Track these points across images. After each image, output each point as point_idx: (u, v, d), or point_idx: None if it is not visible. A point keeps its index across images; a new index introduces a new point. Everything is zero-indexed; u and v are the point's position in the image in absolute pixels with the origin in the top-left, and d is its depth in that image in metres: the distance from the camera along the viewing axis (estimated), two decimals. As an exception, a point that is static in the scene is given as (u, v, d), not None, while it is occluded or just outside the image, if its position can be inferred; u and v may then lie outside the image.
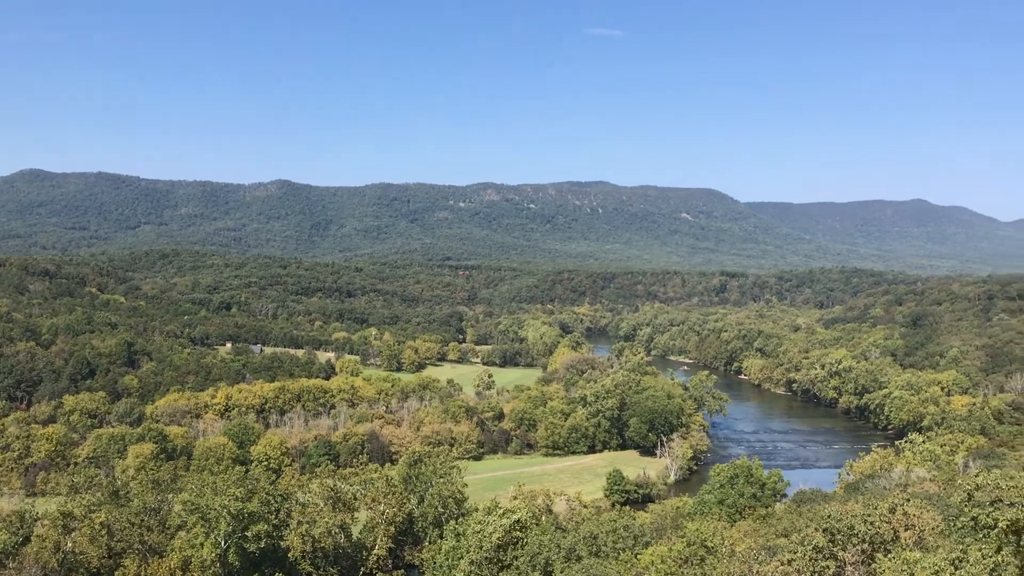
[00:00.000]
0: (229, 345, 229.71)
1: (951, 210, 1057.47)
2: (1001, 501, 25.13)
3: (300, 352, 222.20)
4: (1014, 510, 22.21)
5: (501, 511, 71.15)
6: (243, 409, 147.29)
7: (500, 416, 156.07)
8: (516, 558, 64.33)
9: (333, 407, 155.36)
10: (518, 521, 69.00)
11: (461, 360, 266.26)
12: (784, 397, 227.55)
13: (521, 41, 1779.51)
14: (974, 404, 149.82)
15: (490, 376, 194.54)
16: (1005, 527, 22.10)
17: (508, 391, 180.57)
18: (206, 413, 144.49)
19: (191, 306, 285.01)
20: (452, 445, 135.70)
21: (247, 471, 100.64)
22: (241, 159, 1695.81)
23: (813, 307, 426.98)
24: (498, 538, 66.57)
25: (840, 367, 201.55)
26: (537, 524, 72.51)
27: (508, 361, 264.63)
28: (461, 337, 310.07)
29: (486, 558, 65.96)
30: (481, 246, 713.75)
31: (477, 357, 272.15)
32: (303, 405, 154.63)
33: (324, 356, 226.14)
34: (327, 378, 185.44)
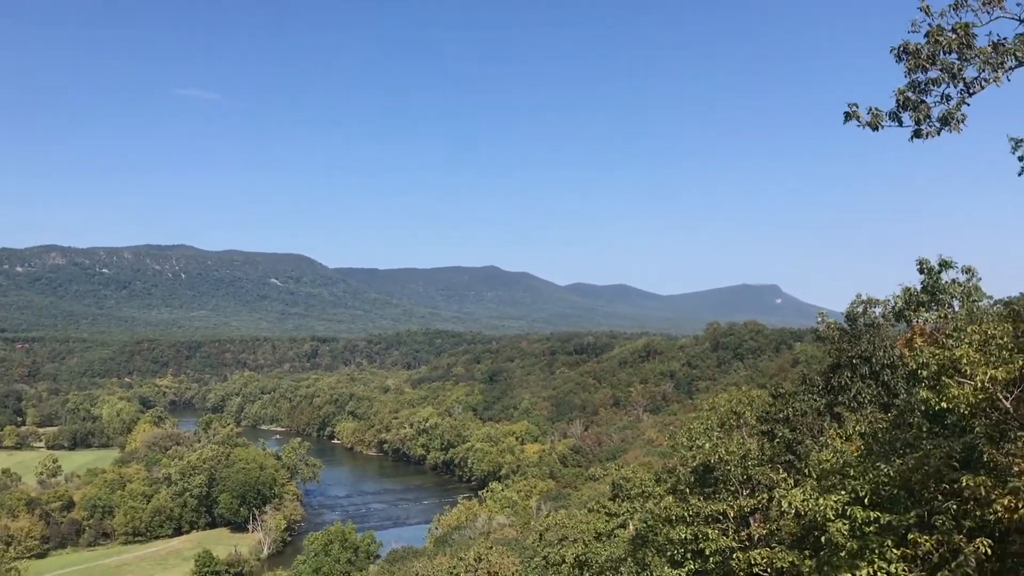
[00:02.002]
0: None
1: (519, 275, 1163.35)
2: (567, 538, 27.55)
3: None
4: (577, 545, 24.38)
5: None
6: None
7: (70, 505, 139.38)
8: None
9: None
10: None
11: (20, 446, 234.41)
12: (376, 458, 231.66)
13: (106, 93, 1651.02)
14: (543, 450, 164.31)
15: (55, 461, 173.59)
16: (571, 561, 24.04)
17: (80, 476, 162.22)
18: None
19: None
20: (9, 544, 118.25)
21: None
22: None
23: (402, 368, 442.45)
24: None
25: (427, 425, 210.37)
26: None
27: (80, 443, 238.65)
28: (20, 419, 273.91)
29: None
30: (44, 315, 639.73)
31: (40, 441, 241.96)
32: None
33: None
34: None
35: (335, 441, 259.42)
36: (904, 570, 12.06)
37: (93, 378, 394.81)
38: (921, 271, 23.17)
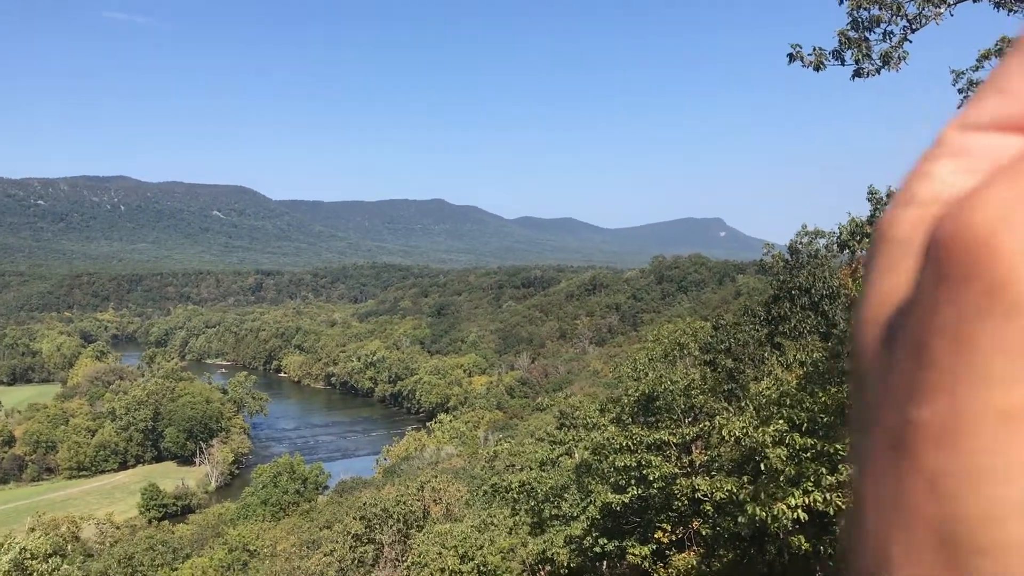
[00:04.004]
0: None
1: (466, 209, 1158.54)
2: (513, 466, 28.09)
3: None
4: (523, 473, 24.86)
5: (4, 546, 62.66)
6: None
7: (11, 441, 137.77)
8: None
9: None
10: (26, 550, 61.25)
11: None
12: (324, 391, 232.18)
13: (32, 14, 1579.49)
14: (491, 382, 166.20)
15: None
16: (517, 488, 24.54)
17: (20, 412, 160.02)
18: None
19: None
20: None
21: None
22: None
23: (348, 302, 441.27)
24: (6, 577, 58.56)
25: (375, 358, 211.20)
26: (63, 556, 65.19)
27: (19, 378, 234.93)
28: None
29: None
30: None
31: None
32: None
33: None
34: None
35: (282, 375, 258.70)
36: (838, 496, 12.42)
37: (31, 312, 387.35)
38: (870, 201, 23.49)
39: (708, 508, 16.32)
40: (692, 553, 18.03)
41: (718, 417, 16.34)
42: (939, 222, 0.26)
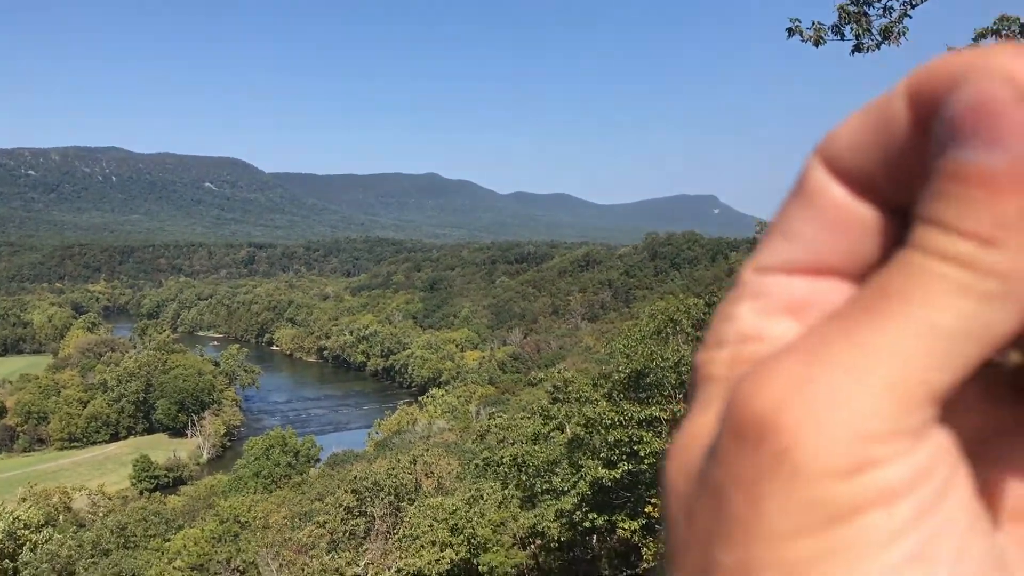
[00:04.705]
0: None
1: (460, 183, 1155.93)
2: (505, 440, 28.19)
3: None
4: (514, 447, 24.94)
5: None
6: None
7: (2, 412, 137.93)
8: (27, 564, 57.50)
9: None
10: (19, 520, 61.46)
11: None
12: (316, 365, 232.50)
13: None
14: (483, 357, 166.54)
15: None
16: (509, 462, 24.59)
17: (11, 382, 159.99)
18: None
19: None
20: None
21: None
22: None
23: (341, 276, 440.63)
24: (-3, 547, 58.83)
25: (367, 332, 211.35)
26: (54, 525, 65.55)
27: (10, 349, 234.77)
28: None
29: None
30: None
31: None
32: None
33: None
34: None
35: (274, 348, 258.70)
36: None
37: (22, 283, 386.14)
38: None
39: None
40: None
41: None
42: (738, 385, 0.29)
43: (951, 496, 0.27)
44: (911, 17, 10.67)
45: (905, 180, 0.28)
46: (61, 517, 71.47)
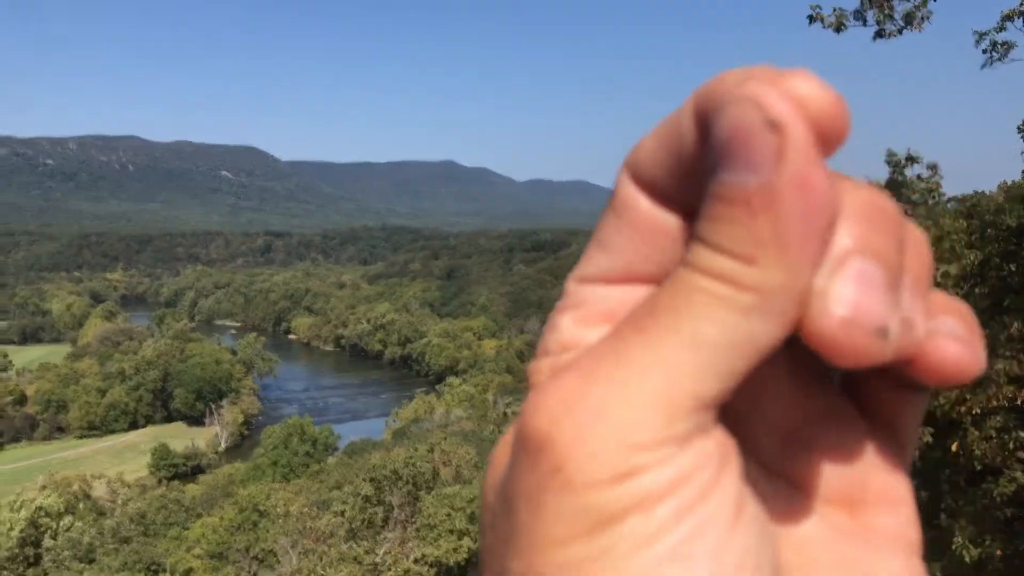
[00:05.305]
0: None
1: (477, 171, 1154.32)
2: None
3: None
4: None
5: (20, 504, 63.52)
6: None
7: (23, 400, 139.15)
8: (49, 550, 58.14)
9: None
10: (41, 508, 62.10)
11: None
12: (334, 353, 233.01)
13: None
14: (501, 346, 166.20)
15: (6, 356, 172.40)
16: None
17: (31, 371, 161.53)
18: None
19: None
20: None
21: None
22: None
23: (358, 264, 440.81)
24: (20, 533, 59.47)
25: (384, 320, 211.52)
26: (73, 513, 66.13)
27: (30, 337, 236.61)
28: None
29: (7, 558, 58.71)
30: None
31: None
32: None
33: None
34: None
35: (291, 336, 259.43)
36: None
37: (41, 272, 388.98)
38: (889, 164, 22.93)
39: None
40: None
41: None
42: (526, 401, 0.31)
43: (715, 495, 0.28)
44: (935, 0, 10.52)
45: (700, 191, 0.29)
46: (81, 505, 71.94)
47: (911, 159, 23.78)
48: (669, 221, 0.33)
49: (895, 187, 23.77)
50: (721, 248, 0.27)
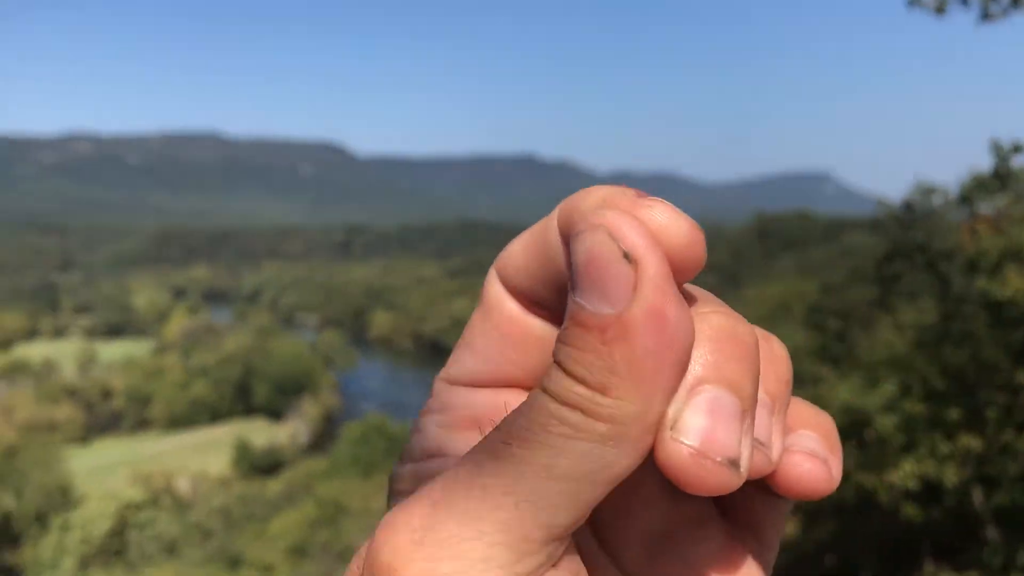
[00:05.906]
0: None
1: (557, 165, 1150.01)
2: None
3: None
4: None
5: (108, 497, 62.03)
6: None
7: (109, 394, 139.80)
8: (135, 543, 56.23)
9: None
10: (130, 503, 60.46)
11: (59, 334, 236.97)
12: (412, 349, 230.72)
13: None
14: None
15: (95, 350, 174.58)
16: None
17: (118, 365, 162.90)
18: None
19: None
20: (53, 430, 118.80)
21: None
22: None
23: (436, 259, 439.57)
24: (109, 525, 57.80)
25: (463, 316, 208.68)
26: (157, 506, 64.36)
27: (116, 332, 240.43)
28: (55, 309, 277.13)
29: (97, 548, 57.03)
30: (74, 204, 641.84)
31: (78, 330, 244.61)
32: None
33: None
34: None
35: (370, 332, 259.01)
36: (953, 465, 11.75)
37: (126, 267, 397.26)
38: (994, 154, 20.35)
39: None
40: (792, 522, 16.95)
41: (822, 383, 15.97)
42: (375, 530, 0.30)
43: None
44: (1046, -23, 9.80)
45: (566, 301, 0.29)
46: (165, 499, 70.85)
47: (1017, 149, 20.97)
48: (537, 327, 0.34)
49: (1000, 178, 20.98)
50: (576, 375, 0.27)
